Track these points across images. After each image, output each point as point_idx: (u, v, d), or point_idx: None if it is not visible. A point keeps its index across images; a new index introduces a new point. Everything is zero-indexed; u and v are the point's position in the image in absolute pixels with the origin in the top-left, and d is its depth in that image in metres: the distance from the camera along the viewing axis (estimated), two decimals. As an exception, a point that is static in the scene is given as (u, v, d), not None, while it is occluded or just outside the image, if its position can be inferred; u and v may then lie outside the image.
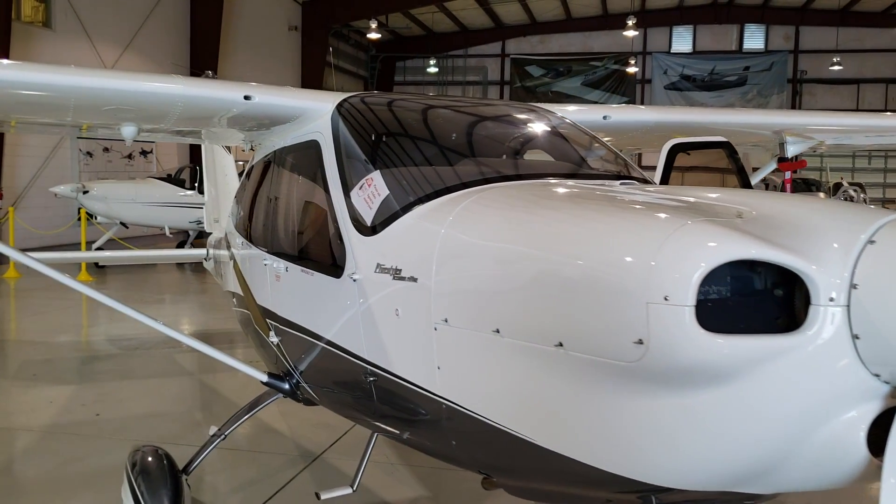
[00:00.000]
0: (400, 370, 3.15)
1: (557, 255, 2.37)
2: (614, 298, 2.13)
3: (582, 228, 2.41)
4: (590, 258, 2.26)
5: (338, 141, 3.88)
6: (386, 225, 3.32)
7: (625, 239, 2.22)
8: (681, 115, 5.51)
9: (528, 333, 2.44)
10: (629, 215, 2.43)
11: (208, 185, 9.90)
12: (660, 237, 2.09)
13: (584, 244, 2.31)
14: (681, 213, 2.25)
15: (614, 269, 2.16)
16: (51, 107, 3.77)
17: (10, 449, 6.11)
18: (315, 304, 3.92)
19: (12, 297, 14.06)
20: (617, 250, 2.20)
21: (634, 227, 2.26)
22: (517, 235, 2.60)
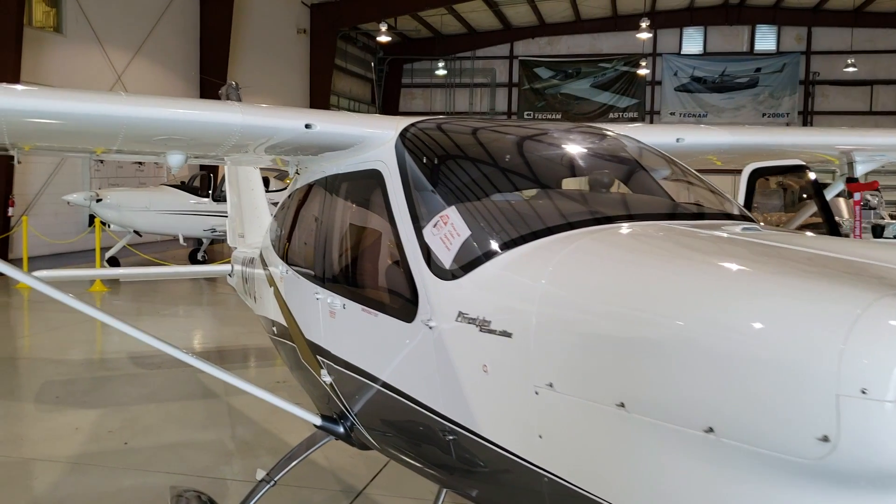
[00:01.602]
0: (488, 433, 2.87)
1: (710, 326, 2.06)
2: (790, 385, 1.84)
3: (738, 293, 2.11)
4: (754, 333, 1.96)
5: (404, 171, 3.59)
6: (469, 269, 3.03)
7: (800, 312, 1.91)
8: (757, 137, 5.20)
9: (666, 413, 2.14)
10: (797, 281, 2.09)
11: (232, 197, 9.64)
12: (848, 314, 1.79)
13: (746, 314, 2.01)
14: (861, 281, 1.95)
15: (790, 350, 1.86)
16: (99, 136, 3.51)
17: (39, 483, 5.85)
18: (380, 348, 3.64)
19: (26, 309, 13.83)
20: (792, 326, 1.89)
21: (809, 296, 1.96)
22: (650, 296, 2.29)
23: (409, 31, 42.04)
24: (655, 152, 3.92)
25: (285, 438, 6.88)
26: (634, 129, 4.20)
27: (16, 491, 5.73)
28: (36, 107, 3.08)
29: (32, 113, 3.15)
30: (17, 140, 3.55)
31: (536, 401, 2.57)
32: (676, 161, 3.85)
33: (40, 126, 3.33)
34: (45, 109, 3.09)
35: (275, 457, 6.42)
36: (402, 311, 3.39)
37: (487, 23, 42.13)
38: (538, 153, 3.79)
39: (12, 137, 3.43)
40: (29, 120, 3.21)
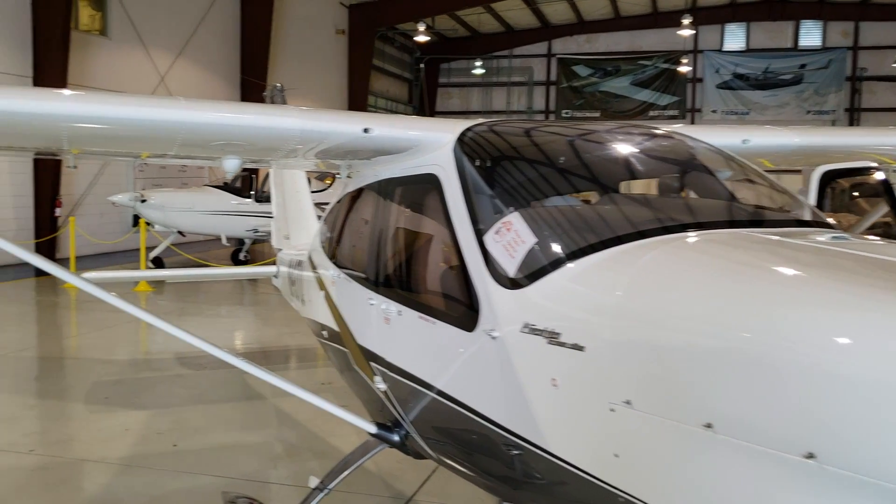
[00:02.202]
0: (557, 449, 2.77)
1: (812, 344, 1.95)
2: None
3: (845, 309, 1.99)
4: (861, 351, 1.85)
5: (463, 176, 3.51)
6: (535, 278, 2.94)
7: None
8: (828, 138, 5.02)
9: (759, 436, 2.03)
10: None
11: (277, 199, 9.65)
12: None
13: (853, 331, 1.89)
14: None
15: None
16: (157, 141, 3.49)
17: (91, 485, 5.89)
18: (438, 357, 3.56)
19: (73, 309, 14.03)
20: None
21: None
22: (743, 310, 2.17)
23: (447, 31, 41.98)
24: (725, 155, 3.78)
25: (332, 442, 6.86)
26: (698, 130, 4.06)
27: (69, 492, 5.77)
28: (98, 112, 3.06)
29: (94, 119, 3.12)
30: (76, 145, 3.54)
31: (612, 418, 2.47)
32: (749, 164, 3.71)
33: (100, 132, 3.31)
34: (107, 115, 3.07)
35: (322, 461, 6.41)
36: (462, 319, 3.31)
37: (525, 21, 41.92)
38: (603, 156, 3.67)
39: (72, 143, 3.43)
40: (90, 125, 3.19)
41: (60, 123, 3.09)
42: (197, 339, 4.22)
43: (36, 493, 5.75)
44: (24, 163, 19.07)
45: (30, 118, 2.99)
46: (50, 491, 5.77)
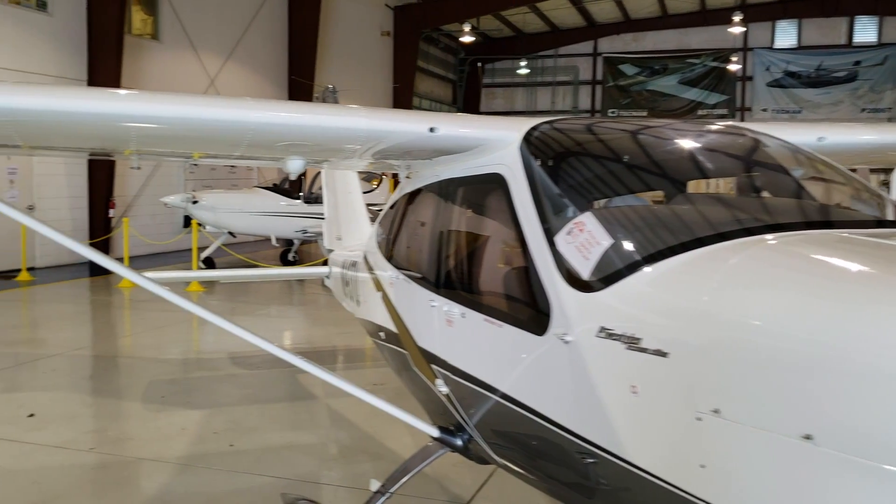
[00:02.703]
0: (636, 458, 2.67)
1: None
2: None
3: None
4: None
5: (531, 175, 3.42)
6: (612, 281, 2.84)
7: None
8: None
9: (867, 450, 1.92)
10: None
11: (329, 200, 9.67)
12: None
13: None
14: None
15: None
16: (223, 142, 3.48)
17: (150, 484, 5.94)
18: (505, 361, 3.48)
19: (127, 309, 14.26)
20: None
21: None
22: (851, 319, 2.06)
23: (492, 31, 41.88)
24: (806, 152, 3.64)
25: (387, 444, 6.83)
26: (774, 128, 3.92)
27: (128, 491, 5.83)
28: (169, 113, 3.05)
29: (164, 119, 3.12)
30: (144, 146, 3.55)
31: (698, 428, 2.37)
32: (832, 163, 3.56)
33: (169, 132, 3.31)
34: (178, 116, 3.06)
35: (377, 462, 6.38)
36: (532, 322, 3.23)
37: (570, 20, 41.62)
38: (677, 154, 3.55)
39: (140, 143, 3.43)
40: (159, 126, 3.19)
41: (131, 123, 3.09)
42: (263, 341, 4.20)
43: (96, 492, 5.81)
44: (79, 164, 19.49)
45: (103, 118, 2.99)
46: (110, 489, 5.83)
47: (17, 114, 2.86)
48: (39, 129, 3.18)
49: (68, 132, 3.32)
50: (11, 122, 3.05)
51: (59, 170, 19.16)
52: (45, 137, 3.54)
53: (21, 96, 2.87)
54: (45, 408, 7.75)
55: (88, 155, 4.59)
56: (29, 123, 3.03)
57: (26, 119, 2.94)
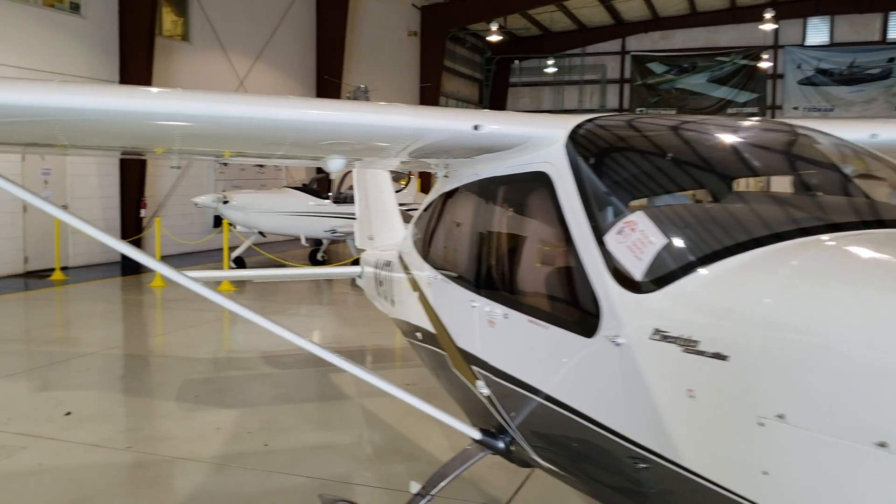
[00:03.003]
0: (693, 464, 2.60)
1: None
2: None
3: None
4: None
5: (578, 173, 3.35)
6: (667, 282, 2.76)
7: None
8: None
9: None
10: None
11: (360, 200, 9.65)
12: None
13: None
14: None
15: None
16: (267, 140, 3.45)
17: (186, 483, 5.95)
18: (551, 363, 3.41)
19: (159, 308, 14.37)
20: None
21: None
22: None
23: (518, 30, 41.76)
24: (863, 150, 3.53)
25: (422, 444, 6.79)
26: (826, 125, 3.81)
27: (165, 490, 5.84)
28: (213, 112, 3.03)
29: (201, 118, 3.09)
30: (187, 144, 3.54)
31: (761, 433, 2.29)
32: (889, 159, 3.45)
33: (212, 131, 3.29)
34: (221, 114, 3.03)
35: (412, 463, 6.35)
36: (581, 324, 3.16)
37: (598, 18, 41.38)
38: (728, 152, 3.46)
39: (184, 142, 3.42)
40: (203, 125, 3.17)
41: (176, 122, 3.07)
42: (306, 341, 4.19)
43: (134, 490, 5.83)
44: (111, 165, 19.70)
45: (148, 117, 2.98)
46: (147, 488, 5.84)
47: (77, 113, 2.86)
48: (88, 127, 3.17)
49: (117, 131, 3.31)
50: (57, 121, 3.05)
51: (92, 170, 19.38)
52: (91, 136, 3.54)
53: (86, 96, 2.87)
54: (81, 406, 7.81)
55: (121, 154, 4.61)
56: (79, 122, 3.03)
57: (78, 118, 2.93)
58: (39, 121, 2.98)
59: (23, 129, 3.31)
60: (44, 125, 3.07)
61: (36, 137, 3.38)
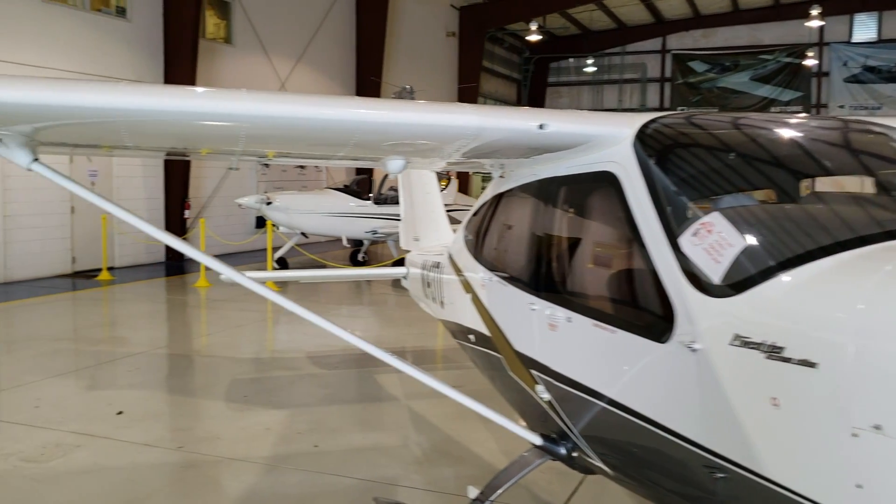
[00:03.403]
0: (778, 475, 2.50)
1: None
2: None
3: None
4: None
5: (648, 173, 3.26)
6: (748, 286, 2.67)
7: None
8: None
9: None
10: None
11: (405, 201, 9.62)
12: None
13: None
14: None
15: None
16: (330, 142, 3.42)
17: (238, 484, 5.96)
18: (620, 368, 3.33)
19: (203, 308, 14.51)
20: None
21: None
22: None
23: (557, 29, 41.53)
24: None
25: (471, 448, 6.74)
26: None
27: (217, 491, 5.86)
28: (280, 112, 3.01)
29: (273, 119, 3.07)
30: (252, 146, 3.52)
31: (855, 444, 2.19)
32: None
33: (276, 132, 3.27)
34: (288, 115, 3.01)
35: (462, 466, 6.29)
36: (652, 328, 3.07)
37: (638, 17, 41.00)
38: (809, 151, 3.34)
39: (248, 143, 3.40)
40: (269, 126, 3.15)
41: (241, 123, 3.06)
42: (367, 343, 4.16)
43: (187, 491, 5.86)
44: (155, 167, 19.99)
45: (215, 117, 2.97)
46: (200, 489, 5.87)
47: (149, 114, 2.86)
48: (152, 128, 3.18)
49: (180, 132, 3.31)
50: (124, 122, 3.05)
51: (137, 172, 19.66)
52: (154, 137, 3.55)
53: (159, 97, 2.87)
54: (132, 405, 7.89)
55: (166, 154, 4.64)
56: (146, 123, 3.03)
57: (147, 119, 2.93)
58: (127, 122, 2.99)
59: (81, 130, 3.32)
60: (132, 125, 3.09)
61: (105, 139, 3.40)
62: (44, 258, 17.22)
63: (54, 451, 6.53)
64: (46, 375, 9.07)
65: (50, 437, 6.86)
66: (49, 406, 7.82)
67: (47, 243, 17.29)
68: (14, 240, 16.55)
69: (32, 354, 10.22)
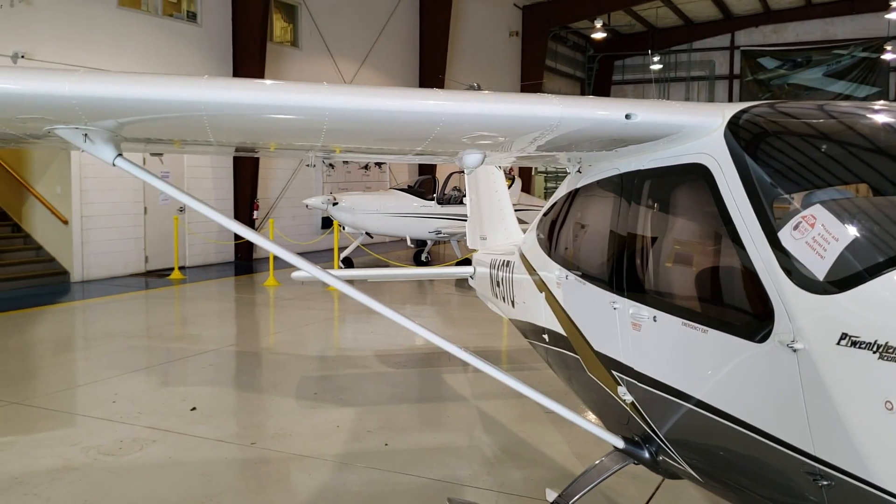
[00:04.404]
0: (892, 484, 2.34)
1: None
2: None
3: None
4: None
5: (742, 164, 3.11)
6: (856, 282, 2.51)
7: None
8: None
9: None
10: None
11: (472, 200, 9.56)
12: None
13: None
14: None
15: None
16: (410, 135, 3.37)
17: (311, 481, 5.97)
18: (712, 369, 3.18)
19: (272, 307, 14.71)
20: None
21: None
22: None
23: (622, 27, 40.98)
24: None
25: (542, 450, 6.62)
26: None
27: (290, 487, 5.87)
28: (365, 105, 2.97)
29: (352, 112, 3.04)
30: (334, 141, 3.50)
31: None
32: None
33: (356, 126, 3.24)
34: (365, 107, 2.97)
35: (534, 469, 6.18)
36: (748, 328, 2.92)
37: (706, 13, 40.16)
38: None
39: (328, 138, 3.37)
40: (347, 119, 3.11)
41: (324, 117, 3.03)
42: (446, 342, 4.09)
43: (261, 487, 5.89)
44: (225, 168, 20.39)
45: (299, 111, 2.95)
46: (274, 485, 5.89)
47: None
48: (233, 122, 3.18)
49: (259, 126, 3.31)
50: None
51: (207, 173, 20.09)
52: (232, 132, 3.55)
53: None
54: (205, 402, 8.00)
55: (235, 150, 4.68)
56: (228, 116, 3.03)
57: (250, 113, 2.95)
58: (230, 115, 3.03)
59: (163, 125, 3.34)
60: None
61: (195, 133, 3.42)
62: (118, 257, 17.72)
63: (131, 446, 6.66)
64: (122, 371, 9.29)
65: (127, 432, 7.01)
66: (126, 401, 8.00)
67: (122, 243, 17.79)
68: (91, 240, 17.07)
69: (109, 351, 10.50)
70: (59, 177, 16.76)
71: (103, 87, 2.83)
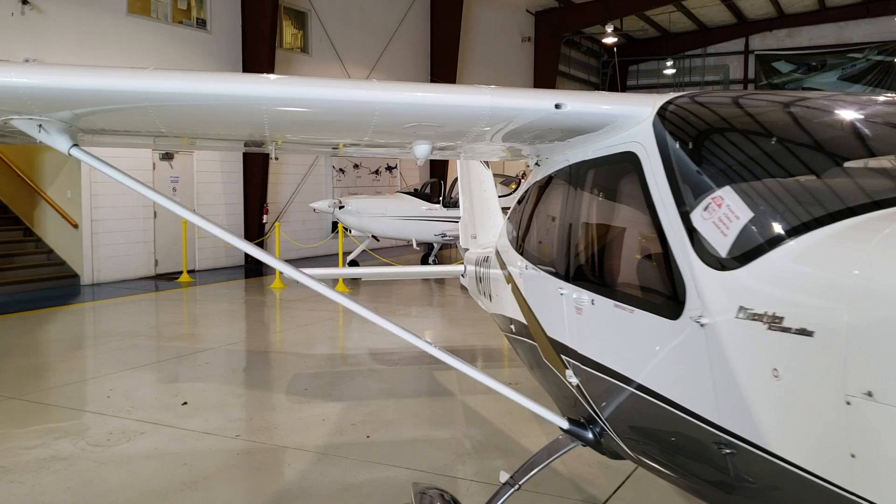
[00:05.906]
0: (779, 448, 2.45)
1: None
2: None
3: None
4: None
5: (665, 151, 3.23)
6: (753, 257, 2.62)
7: None
8: None
9: None
10: None
11: (464, 199, 9.71)
12: None
13: None
14: None
15: None
16: (351, 125, 3.52)
17: (289, 470, 6.13)
18: (637, 348, 3.30)
19: (278, 308, 14.92)
20: None
21: None
22: None
23: (635, 32, 40.96)
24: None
25: (521, 441, 6.73)
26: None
27: (269, 476, 6.03)
28: (300, 95, 3.13)
29: (286, 101, 3.20)
30: (279, 132, 3.66)
31: (848, 413, 2.13)
32: None
33: (296, 115, 3.39)
34: (299, 96, 3.13)
35: (510, 459, 6.29)
36: (665, 306, 3.04)
37: (719, 18, 40.07)
38: (825, 126, 3.26)
39: (271, 128, 3.53)
40: (286, 109, 3.27)
41: (263, 106, 3.19)
42: (414, 336, 4.25)
43: (240, 475, 6.05)
44: (235, 173, 20.68)
45: (235, 99, 3.12)
46: (252, 473, 6.05)
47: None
48: (179, 113, 3.34)
49: (199, 114, 3.48)
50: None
51: (217, 178, 20.38)
52: (182, 123, 3.72)
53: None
54: (198, 397, 8.19)
55: (193, 144, 4.89)
56: (175, 108, 3.20)
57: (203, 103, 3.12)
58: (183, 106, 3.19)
59: (118, 116, 3.51)
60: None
61: (171, 126, 3.58)
62: (128, 261, 18.03)
63: (119, 437, 6.85)
64: (122, 368, 9.51)
65: (117, 425, 7.20)
66: (120, 396, 8.20)
67: (131, 247, 18.11)
68: (101, 243, 17.39)
69: (111, 349, 10.74)
70: (70, 181, 17.11)
71: (52, 78, 3.01)
